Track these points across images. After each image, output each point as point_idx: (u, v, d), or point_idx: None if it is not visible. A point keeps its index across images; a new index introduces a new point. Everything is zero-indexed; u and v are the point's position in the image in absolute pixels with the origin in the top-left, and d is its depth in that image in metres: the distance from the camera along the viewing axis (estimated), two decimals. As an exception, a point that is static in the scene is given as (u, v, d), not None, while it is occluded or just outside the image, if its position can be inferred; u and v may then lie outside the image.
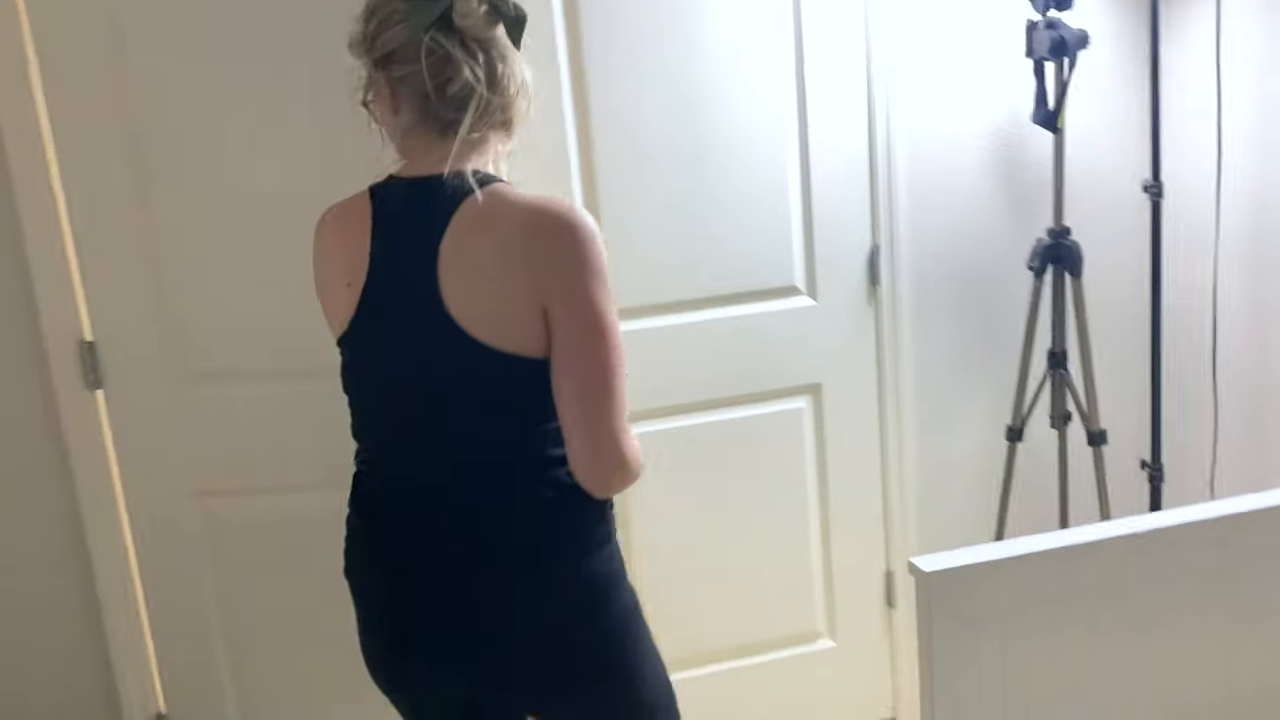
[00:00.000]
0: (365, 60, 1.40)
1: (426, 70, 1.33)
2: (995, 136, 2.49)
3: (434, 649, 1.42)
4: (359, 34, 1.39)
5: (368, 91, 1.42)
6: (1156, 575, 1.57)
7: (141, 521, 2.11)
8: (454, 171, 1.35)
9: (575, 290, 1.32)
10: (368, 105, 1.44)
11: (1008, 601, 1.52)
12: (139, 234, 2.01)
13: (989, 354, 2.60)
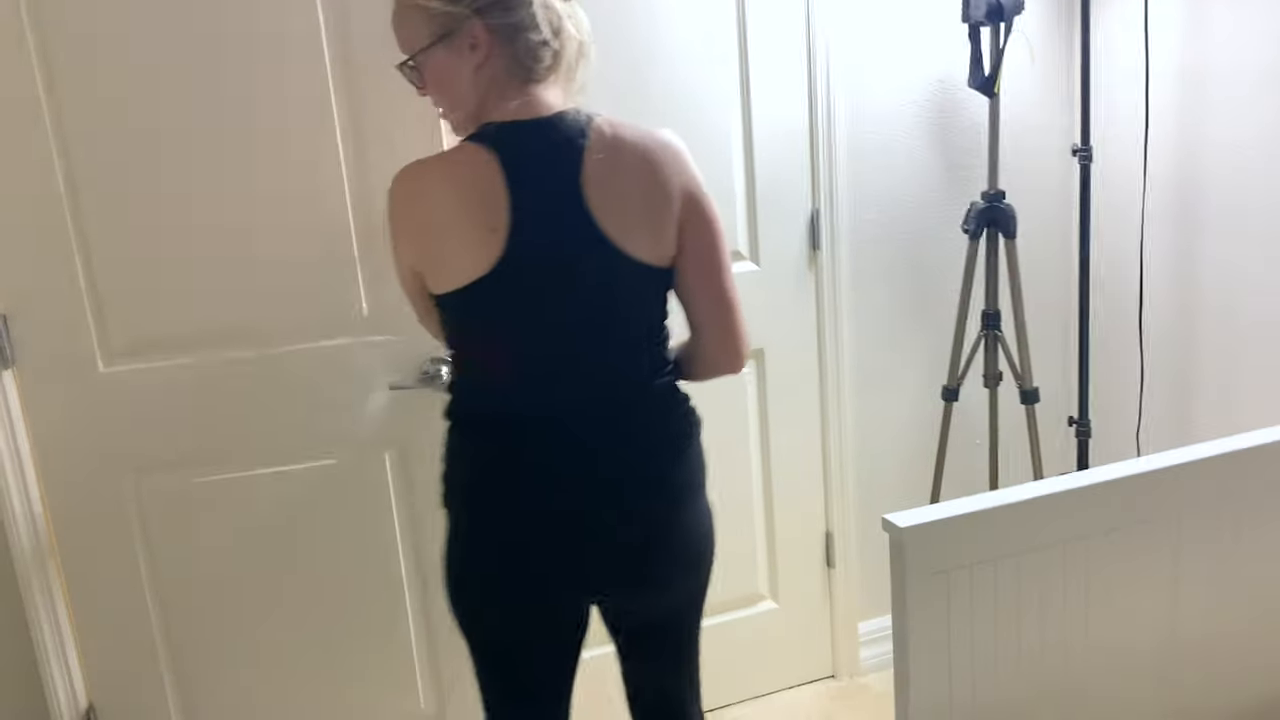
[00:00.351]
0: (457, 9, 1.42)
1: (527, 18, 1.43)
2: (931, 101, 2.52)
3: (602, 561, 1.53)
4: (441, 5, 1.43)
5: (441, 40, 1.44)
6: (1114, 524, 1.62)
7: (61, 504, 1.99)
8: (566, 110, 1.46)
9: (702, 201, 1.51)
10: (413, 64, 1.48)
11: (976, 554, 1.54)
12: (51, 199, 1.88)
13: (925, 316, 2.64)
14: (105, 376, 1.95)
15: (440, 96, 1.51)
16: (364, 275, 2.04)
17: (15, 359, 1.91)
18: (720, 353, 1.57)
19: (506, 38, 1.43)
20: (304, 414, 2.05)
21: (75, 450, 1.97)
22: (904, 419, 2.67)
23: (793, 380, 2.52)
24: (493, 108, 1.46)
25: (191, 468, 2.04)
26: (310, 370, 2.04)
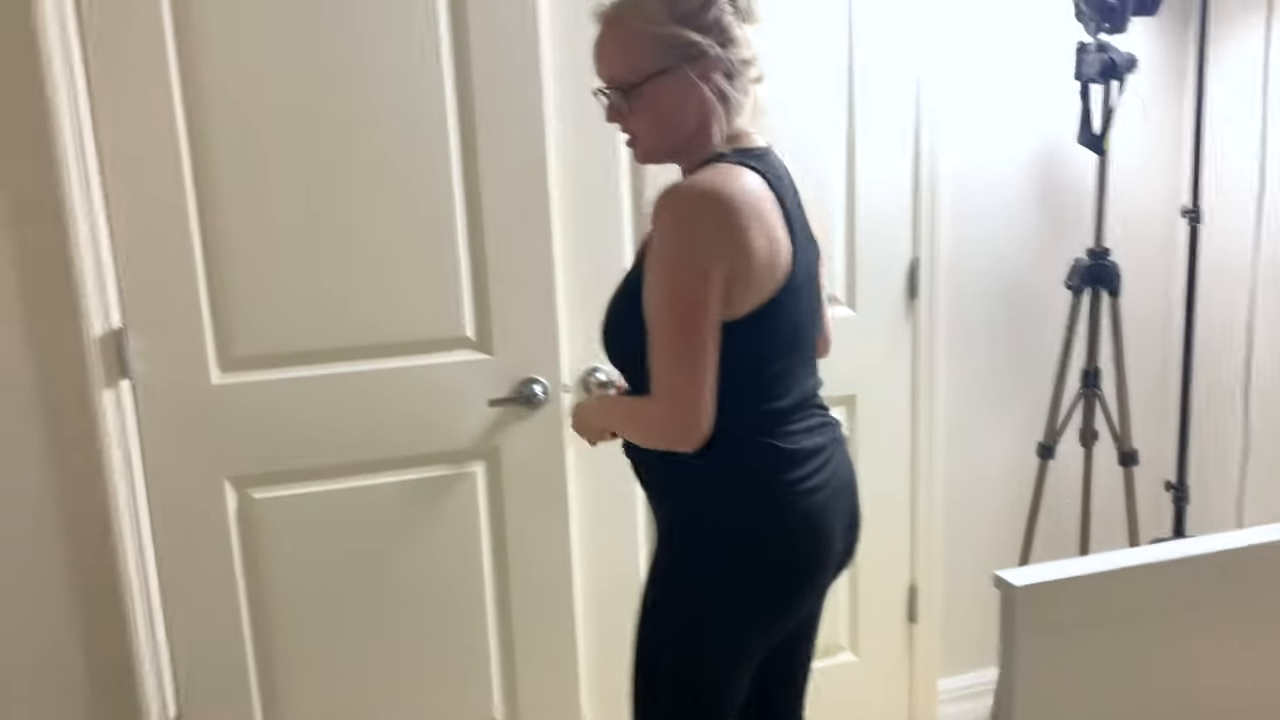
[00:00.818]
0: (704, 40, 1.44)
1: (751, 57, 1.49)
2: (1037, 154, 2.50)
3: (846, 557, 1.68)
4: (720, 17, 1.45)
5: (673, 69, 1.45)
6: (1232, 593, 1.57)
7: (165, 513, 2.03)
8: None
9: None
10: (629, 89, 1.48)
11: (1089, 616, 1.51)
12: (176, 213, 1.94)
13: (1023, 370, 2.60)
14: (217, 389, 2.00)
15: (651, 124, 1.49)
16: (470, 294, 2.10)
17: (132, 370, 1.97)
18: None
19: (735, 73, 1.47)
20: (404, 427, 2.10)
21: (182, 460, 2.02)
22: (996, 474, 2.63)
23: (884, 428, 2.49)
24: (705, 139, 1.48)
25: (291, 480, 2.09)
26: (413, 385, 2.09)
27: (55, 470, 1.98)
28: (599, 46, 1.50)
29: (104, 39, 1.85)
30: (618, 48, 1.47)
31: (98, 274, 1.91)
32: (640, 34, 1.44)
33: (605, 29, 1.48)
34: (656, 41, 1.43)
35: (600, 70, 1.51)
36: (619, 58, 1.47)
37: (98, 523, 2.00)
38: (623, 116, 1.51)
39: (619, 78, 1.48)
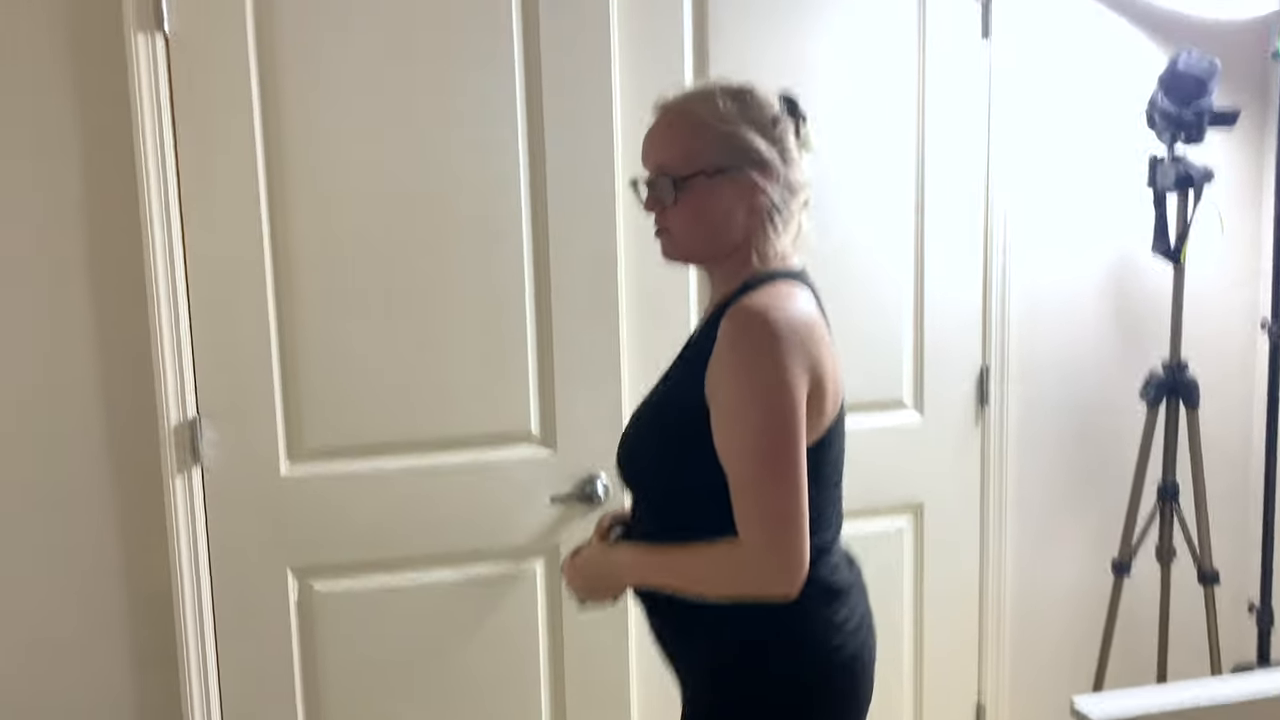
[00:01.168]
0: (770, 152, 1.42)
1: (806, 180, 1.49)
2: (1110, 264, 2.47)
3: None
4: (786, 134, 1.45)
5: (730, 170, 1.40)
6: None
7: (227, 597, 2.05)
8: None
9: None
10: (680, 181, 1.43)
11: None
12: (255, 309, 1.99)
13: (1096, 483, 2.53)
14: (285, 479, 2.03)
15: (694, 222, 1.42)
16: (535, 389, 2.11)
17: (204, 458, 2.00)
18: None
19: (789, 190, 1.44)
20: (465, 522, 2.11)
21: (247, 548, 2.04)
22: (1068, 590, 2.54)
23: (952, 539, 2.43)
24: (748, 250, 1.43)
25: (352, 572, 2.09)
26: (477, 480, 2.10)
27: (123, 552, 2.02)
28: (654, 134, 1.45)
29: (195, 147, 1.94)
30: (678, 136, 1.42)
31: (176, 365, 1.96)
32: (707, 128, 1.40)
33: (666, 118, 1.44)
34: (723, 139, 1.40)
35: (650, 157, 1.45)
36: (677, 146, 1.41)
37: (161, 605, 2.03)
38: (663, 208, 1.43)
39: (672, 166, 1.41)
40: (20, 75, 1.88)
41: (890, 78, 2.26)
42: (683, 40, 2.14)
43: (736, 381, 1.34)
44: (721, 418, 1.35)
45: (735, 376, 1.34)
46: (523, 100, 2.05)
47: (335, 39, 1.96)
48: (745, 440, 1.33)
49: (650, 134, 1.45)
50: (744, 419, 1.33)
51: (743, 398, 1.33)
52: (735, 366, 1.34)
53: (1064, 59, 2.38)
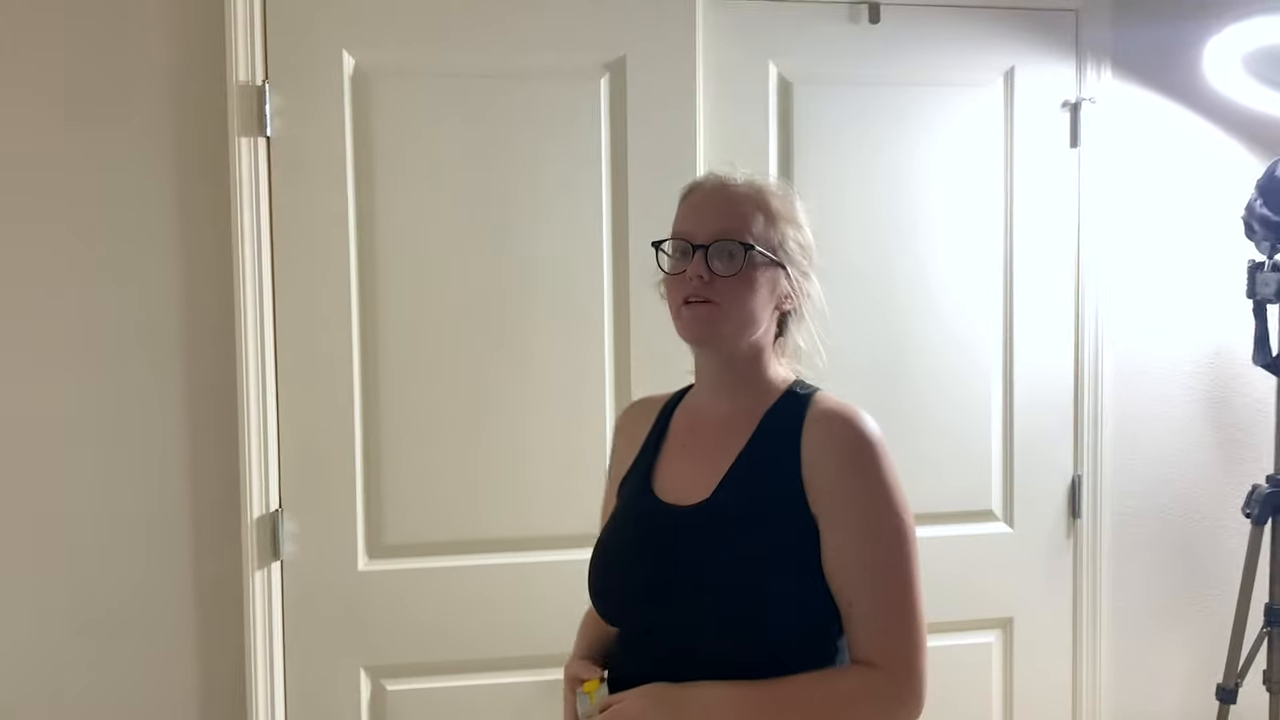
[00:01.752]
0: (801, 257, 1.37)
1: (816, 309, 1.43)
2: (1207, 372, 2.39)
3: None
4: (810, 245, 1.39)
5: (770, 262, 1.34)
6: None
7: (300, 692, 2.03)
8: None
9: None
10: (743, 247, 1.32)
11: None
12: (341, 406, 2.02)
13: (1198, 602, 2.41)
14: (363, 574, 2.03)
15: (748, 297, 1.31)
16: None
17: (284, 552, 2.01)
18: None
19: (799, 309, 1.38)
20: (542, 623, 2.05)
21: (321, 644, 2.03)
22: (1169, 715, 2.40)
23: (1043, 657, 2.32)
24: (767, 344, 1.37)
25: (426, 673, 2.07)
26: (555, 580, 2.05)
27: (200, 641, 2.04)
28: (719, 202, 1.33)
29: (290, 245, 2.00)
30: (750, 210, 1.33)
31: (262, 458, 1.99)
32: (779, 215, 1.34)
33: (735, 190, 1.34)
34: (788, 232, 1.35)
35: (711, 223, 1.31)
36: (749, 220, 1.32)
37: (235, 697, 2.02)
38: (712, 278, 1.30)
39: (738, 233, 1.30)
40: (127, 175, 1.97)
41: (977, 186, 2.25)
42: (767, 146, 2.16)
43: (871, 497, 1.26)
44: (850, 536, 1.25)
45: (867, 492, 1.26)
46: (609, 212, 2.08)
47: (428, 140, 2.02)
48: (885, 559, 1.25)
49: (711, 201, 1.34)
50: (882, 538, 1.25)
51: (880, 515, 1.26)
52: (866, 482, 1.26)
53: (1156, 166, 2.34)
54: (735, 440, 1.33)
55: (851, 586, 1.25)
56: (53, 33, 1.93)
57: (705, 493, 1.31)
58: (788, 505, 1.27)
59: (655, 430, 1.43)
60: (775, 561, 1.26)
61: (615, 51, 2.07)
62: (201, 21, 1.96)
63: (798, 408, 1.32)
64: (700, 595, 1.26)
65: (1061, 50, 2.27)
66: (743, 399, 1.36)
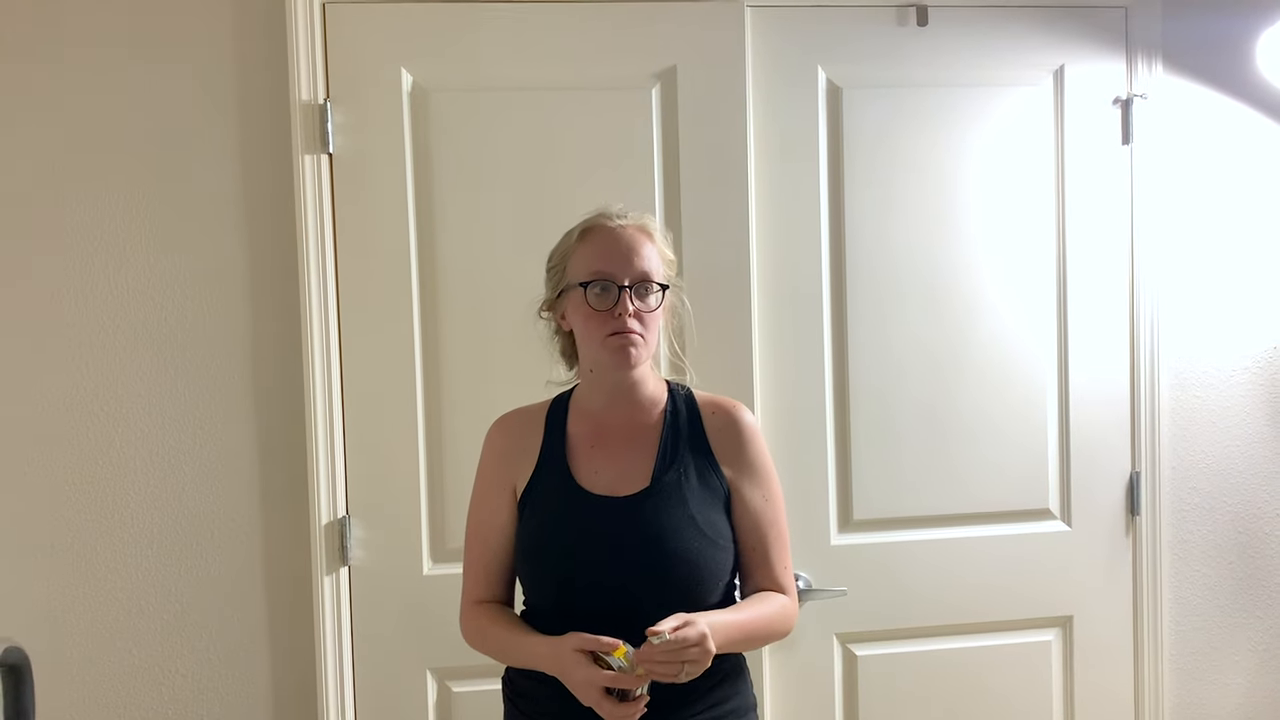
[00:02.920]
0: (676, 278, 1.65)
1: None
2: (1266, 369, 2.37)
3: None
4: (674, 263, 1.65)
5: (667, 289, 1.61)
6: None
7: (369, 696, 2.08)
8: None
9: None
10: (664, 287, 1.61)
11: None
12: (405, 416, 2.07)
13: (1260, 594, 2.39)
14: (428, 579, 2.07)
15: (654, 331, 1.58)
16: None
17: (351, 557, 2.06)
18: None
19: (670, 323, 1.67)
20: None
21: (389, 647, 2.08)
22: (1233, 714, 2.38)
23: (1104, 654, 2.31)
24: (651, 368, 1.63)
25: (490, 674, 2.05)
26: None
27: (271, 644, 2.09)
28: (639, 245, 1.56)
29: (354, 258, 2.06)
30: (654, 251, 1.57)
31: (330, 465, 2.04)
32: (661, 246, 1.60)
33: (640, 234, 1.57)
34: (669, 264, 1.61)
35: (637, 265, 1.55)
36: (655, 260, 1.57)
37: (306, 701, 2.08)
38: (641, 313, 1.55)
39: (653, 274, 1.56)
40: (197, 192, 2.04)
41: (1028, 185, 2.25)
42: (818, 151, 2.18)
43: (766, 459, 1.63)
44: (762, 490, 1.61)
45: (764, 455, 1.63)
46: (662, 220, 2.11)
47: (485, 153, 2.07)
48: (779, 506, 1.63)
49: (620, 243, 1.56)
50: (778, 495, 1.63)
51: (774, 476, 1.64)
52: (761, 447, 1.64)
53: (1210, 161, 2.33)
54: (647, 436, 1.60)
55: (761, 532, 1.60)
56: (120, 58, 2.00)
57: (643, 481, 1.57)
58: (711, 476, 1.59)
59: (549, 440, 1.62)
60: (716, 520, 1.57)
61: (665, 61, 2.10)
62: (264, 42, 2.02)
63: (688, 402, 1.64)
64: (669, 561, 1.52)
65: (1111, 47, 2.27)
66: (640, 404, 1.61)
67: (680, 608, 1.49)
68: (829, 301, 2.19)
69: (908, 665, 2.24)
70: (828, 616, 2.20)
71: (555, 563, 1.56)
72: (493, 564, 1.64)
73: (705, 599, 1.55)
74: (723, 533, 1.57)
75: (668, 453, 1.59)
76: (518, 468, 1.63)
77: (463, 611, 1.67)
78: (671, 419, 1.61)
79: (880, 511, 2.22)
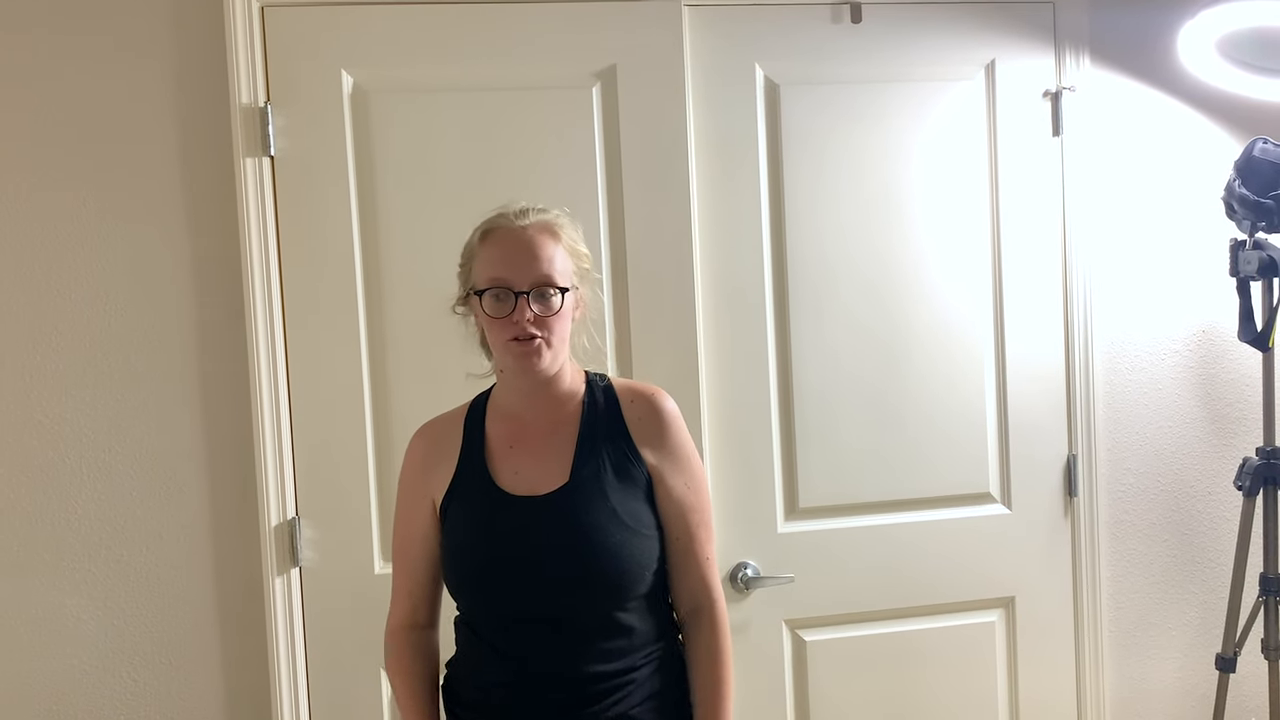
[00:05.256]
0: (592, 272, 1.63)
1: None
2: (1195, 349, 2.45)
3: None
4: (588, 256, 1.62)
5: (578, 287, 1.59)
6: None
7: (323, 693, 2.09)
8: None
9: None
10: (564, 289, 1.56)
11: None
12: (353, 416, 2.08)
13: (1195, 575, 2.47)
14: (379, 578, 2.08)
15: (563, 332, 1.54)
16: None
17: (302, 558, 2.07)
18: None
19: (584, 315, 1.61)
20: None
21: (342, 647, 2.09)
22: (1169, 687, 2.46)
23: (1044, 634, 2.38)
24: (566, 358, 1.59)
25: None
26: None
27: (223, 649, 2.09)
28: (539, 247, 1.51)
29: (298, 258, 2.06)
30: (556, 253, 1.52)
31: (278, 467, 2.05)
32: (568, 242, 1.56)
33: (542, 235, 1.53)
34: (580, 258, 1.58)
35: (535, 270, 1.50)
36: (557, 262, 1.52)
37: (259, 702, 2.08)
38: (543, 318, 1.50)
39: (556, 280, 1.51)
40: (137, 195, 2.03)
41: (963, 178, 2.31)
42: (757, 147, 2.22)
43: (688, 445, 1.61)
44: (684, 477, 1.59)
45: (686, 441, 1.61)
46: (606, 218, 2.14)
47: (427, 154, 2.08)
48: (703, 492, 1.62)
49: (519, 246, 1.51)
50: (703, 483, 1.62)
51: (698, 464, 1.63)
52: (683, 433, 1.62)
53: (1137, 151, 2.40)
54: (566, 431, 1.58)
55: (684, 520, 1.59)
56: (57, 60, 1.99)
57: (562, 477, 1.54)
58: (632, 467, 1.57)
59: (467, 443, 1.60)
60: (638, 510, 1.55)
61: (605, 61, 2.13)
62: (203, 45, 2.02)
63: (606, 392, 1.61)
64: (594, 557, 1.51)
65: (1040, 41, 2.32)
66: (556, 399, 1.59)
67: (608, 603, 1.52)
68: (771, 294, 2.23)
69: (856, 649, 2.29)
70: (776, 603, 2.24)
71: (478, 567, 1.54)
72: (415, 583, 1.63)
73: (633, 590, 1.54)
74: (646, 521, 1.55)
75: (585, 446, 1.56)
76: (436, 475, 1.60)
77: (387, 630, 1.66)
78: (589, 411, 1.58)
79: (825, 499, 2.27)
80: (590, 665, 1.52)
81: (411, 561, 1.62)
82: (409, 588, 1.63)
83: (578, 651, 1.52)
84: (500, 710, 1.55)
